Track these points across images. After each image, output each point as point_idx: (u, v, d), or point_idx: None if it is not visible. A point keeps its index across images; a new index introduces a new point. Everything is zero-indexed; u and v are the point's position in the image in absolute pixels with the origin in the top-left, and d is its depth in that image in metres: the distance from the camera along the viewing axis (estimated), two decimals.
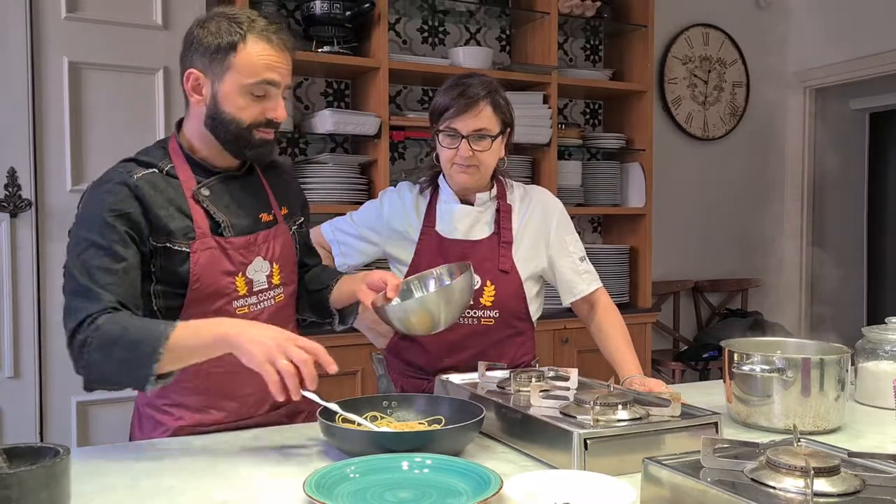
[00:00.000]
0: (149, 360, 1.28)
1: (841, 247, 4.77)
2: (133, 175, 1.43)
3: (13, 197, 2.43)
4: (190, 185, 1.47)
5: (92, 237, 1.38)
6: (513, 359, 1.81)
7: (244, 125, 1.45)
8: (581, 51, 3.96)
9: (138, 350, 1.29)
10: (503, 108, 1.76)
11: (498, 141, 1.76)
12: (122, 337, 1.30)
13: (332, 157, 3.11)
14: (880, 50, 4.14)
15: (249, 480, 1.20)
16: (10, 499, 0.91)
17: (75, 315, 1.34)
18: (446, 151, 1.75)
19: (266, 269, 1.53)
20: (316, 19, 3.04)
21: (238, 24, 1.43)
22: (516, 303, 1.80)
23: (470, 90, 1.72)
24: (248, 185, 1.56)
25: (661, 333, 4.29)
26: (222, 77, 1.43)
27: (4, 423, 2.44)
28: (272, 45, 1.43)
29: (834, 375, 1.46)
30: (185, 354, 1.31)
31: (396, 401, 1.46)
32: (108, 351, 1.30)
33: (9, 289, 2.43)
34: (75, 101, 2.53)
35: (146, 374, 1.29)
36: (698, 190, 4.38)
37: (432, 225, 1.83)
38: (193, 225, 1.44)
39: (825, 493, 0.94)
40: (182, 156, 1.49)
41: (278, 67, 1.44)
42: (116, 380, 1.34)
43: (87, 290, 1.34)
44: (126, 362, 1.30)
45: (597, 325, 1.84)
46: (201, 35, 1.44)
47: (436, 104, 1.76)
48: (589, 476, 1.09)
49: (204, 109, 1.46)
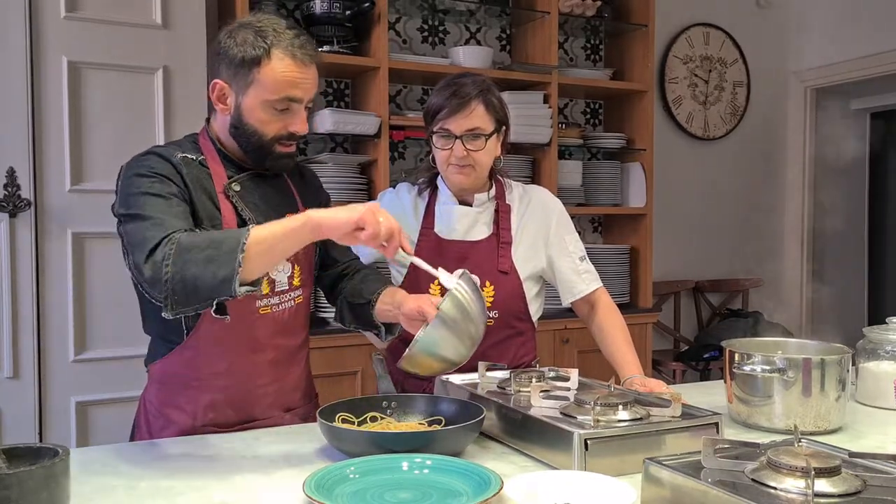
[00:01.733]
0: (234, 255, 1.24)
1: (841, 247, 4.77)
2: (175, 154, 1.45)
3: (12, 197, 2.43)
4: (221, 178, 1.48)
5: (145, 190, 1.37)
6: (513, 359, 1.81)
7: (266, 138, 1.46)
8: (581, 50, 3.96)
9: (222, 247, 1.25)
10: (496, 106, 1.76)
11: (493, 140, 1.76)
12: (203, 240, 1.27)
13: (331, 157, 3.11)
14: (880, 50, 4.14)
15: (249, 480, 1.20)
16: (9, 499, 0.91)
17: (148, 242, 1.29)
18: (441, 152, 1.75)
19: (288, 270, 1.54)
20: (316, 19, 3.04)
21: (263, 37, 1.42)
22: (516, 303, 1.80)
23: (462, 90, 1.72)
24: (275, 185, 1.57)
25: (661, 333, 4.29)
26: (246, 91, 1.44)
27: (4, 424, 2.44)
28: (296, 61, 1.43)
29: (835, 376, 1.46)
30: (270, 243, 1.27)
31: (396, 401, 1.46)
32: (190, 256, 1.25)
33: (8, 289, 2.43)
34: (75, 100, 2.52)
35: (232, 269, 1.23)
36: (699, 190, 4.38)
37: (431, 226, 1.83)
38: (221, 219, 1.45)
39: (826, 493, 0.94)
40: (214, 149, 1.51)
41: (302, 84, 1.44)
42: (203, 285, 1.24)
43: (157, 222, 1.32)
44: (211, 262, 1.24)
45: (597, 325, 1.84)
46: (228, 46, 1.44)
47: (429, 105, 1.76)
48: (589, 476, 1.09)
49: (228, 118, 1.48)
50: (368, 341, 1.91)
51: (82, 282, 2.53)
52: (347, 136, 3.27)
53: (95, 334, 2.55)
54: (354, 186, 3.10)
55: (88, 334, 2.54)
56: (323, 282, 1.73)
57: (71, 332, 2.51)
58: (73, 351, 2.52)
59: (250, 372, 1.52)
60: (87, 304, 2.54)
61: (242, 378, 1.51)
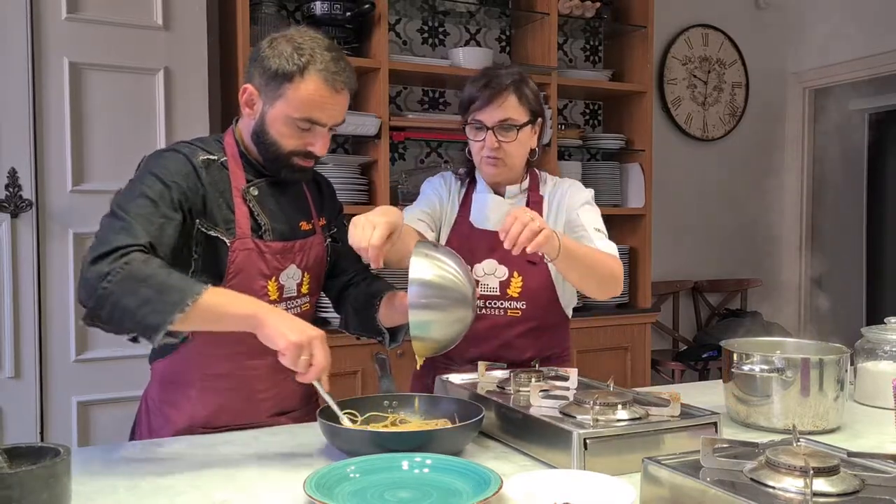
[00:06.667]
0: (173, 308, 1.24)
1: (840, 247, 4.77)
2: (197, 156, 1.45)
3: (14, 197, 2.43)
4: (240, 182, 1.49)
5: (143, 189, 1.37)
6: (541, 350, 1.78)
7: (284, 151, 1.47)
8: (581, 51, 3.96)
9: (166, 294, 1.24)
10: (530, 98, 1.73)
11: (526, 131, 1.73)
12: (153, 277, 1.25)
13: (332, 158, 3.11)
14: (880, 50, 4.15)
15: (249, 480, 1.20)
16: (11, 498, 0.91)
17: (104, 244, 1.29)
18: (475, 144, 1.75)
19: (298, 276, 1.55)
20: (316, 20, 3.04)
21: (300, 53, 1.41)
22: (545, 294, 1.78)
23: (494, 81, 1.70)
24: (292, 193, 1.58)
25: (660, 333, 4.29)
26: (273, 102, 1.44)
27: (5, 423, 2.44)
28: (327, 86, 1.42)
29: (833, 375, 1.46)
30: (210, 317, 1.28)
31: (397, 401, 1.47)
32: (134, 287, 1.24)
33: (9, 289, 2.43)
34: (76, 101, 2.53)
35: (163, 321, 1.24)
36: (698, 190, 4.38)
37: (466, 215, 1.82)
38: (235, 223, 1.45)
39: (824, 492, 0.94)
40: (237, 152, 1.51)
41: (329, 108, 1.44)
42: (129, 319, 1.25)
43: (127, 227, 1.32)
44: (148, 303, 1.24)
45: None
46: (266, 54, 1.44)
47: (463, 97, 1.76)
48: (589, 476, 1.10)
49: (253, 124, 1.48)
50: (369, 341, 1.91)
51: None
52: (348, 137, 3.27)
53: (97, 334, 2.55)
54: (354, 187, 3.10)
55: (90, 334, 2.54)
56: (330, 290, 1.73)
57: (72, 332, 2.52)
58: (74, 351, 2.53)
59: (250, 375, 1.52)
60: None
61: (242, 381, 1.52)
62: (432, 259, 1.41)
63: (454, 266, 1.43)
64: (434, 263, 1.41)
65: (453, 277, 1.41)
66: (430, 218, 1.82)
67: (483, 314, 1.75)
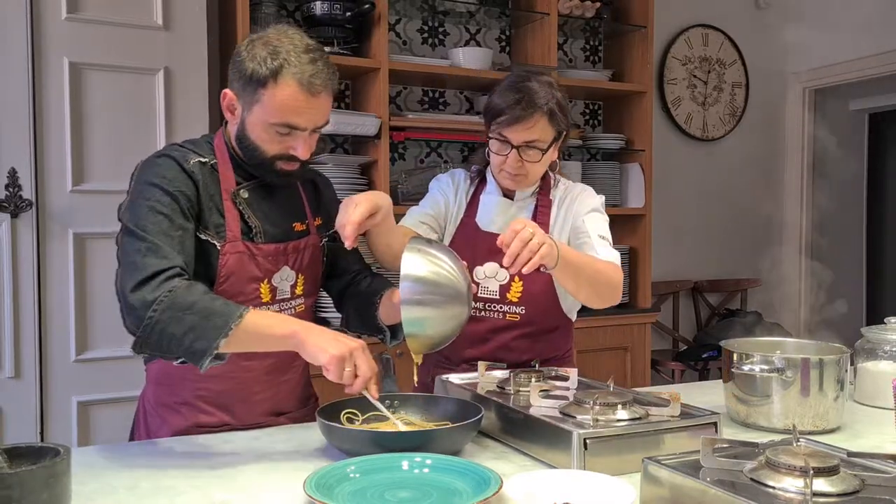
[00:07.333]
0: (217, 333, 1.27)
1: (840, 247, 4.77)
2: (189, 160, 1.44)
3: (14, 197, 2.43)
4: (230, 184, 1.47)
5: (152, 203, 1.37)
6: (540, 353, 1.77)
7: (267, 156, 1.45)
8: (581, 51, 3.97)
9: (210, 320, 1.27)
10: (559, 117, 1.67)
11: (550, 150, 1.70)
12: (197, 304, 1.28)
13: (331, 158, 3.11)
14: (880, 50, 4.15)
15: (249, 480, 1.20)
16: (11, 498, 0.91)
17: (142, 270, 1.30)
18: (496, 157, 1.71)
19: (291, 278, 1.53)
20: (316, 20, 3.04)
21: (274, 57, 1.37)
22: (546, 299, 1.77)
23: (527, 100, 1.63)
24: (285, 194, 1.56)
25: (660, 333, 4.29)
26: (251, 108, 1.42)
27: (5, 423, 2.44)
28: (303, 90, 1.37)
29: (833, 375, 1.47)
30: (252, 339, 1.31)
31: (397, 401, 1.47)
32: (180, 315, 1.27)
33: (9, 289, 2.43)
34: (76, 101, 2.52)
35: (210, 346, 1.27)
36: (698, 190, 4.38)
37: (472, 216, 1.80)
38: (225, 226, 1.44)
39: (824, 492, 0.95)
40: (227, 154, 1.50)
41: (306, 113, 1.40)
42: (177, 345, 1.28)
43: (154, 248, 1.32)
44: (194, 329, 1.27)
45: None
46: (243, 58, 1.40)
47: (491, 103, 1.70)
48: (589, 476, 1.10)
49: (235, 129, 1.47)
50: (372, 341, 1.90)
51: (84, 282, 2.54)
52: (347, 137, 3.27)
53: (97, 334, 2.55)
54: (354, 187, 3.10)
55: (90, 334, 2.55)
56: (331, 290, 1.72)
57: (72, 333, 2.52)
58: (74, 351, 2.53)
59: (245, 378, 1.52)
60: (88, 305, 2.54)
61: (237, 383, 1.51)
62: (425, 255, 1.41)
63: (448, 262, 1.42)
64: (427, 259, 1.40)
65: (447, 273, 1.40)
66: (433, 220, 1.81)
67: (482, 317, 1.75)
